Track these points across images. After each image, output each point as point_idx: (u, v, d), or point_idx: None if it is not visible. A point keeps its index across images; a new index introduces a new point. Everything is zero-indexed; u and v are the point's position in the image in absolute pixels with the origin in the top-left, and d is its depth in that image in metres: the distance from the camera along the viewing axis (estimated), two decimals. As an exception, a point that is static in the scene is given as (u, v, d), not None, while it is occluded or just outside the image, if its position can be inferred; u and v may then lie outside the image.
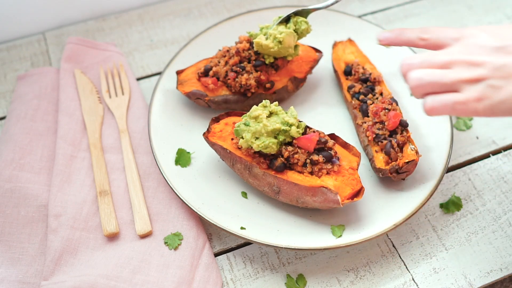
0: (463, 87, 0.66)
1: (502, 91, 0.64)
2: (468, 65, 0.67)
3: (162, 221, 0.87)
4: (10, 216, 0.87)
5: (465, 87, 0.66)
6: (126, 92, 1.03)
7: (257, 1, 1.22)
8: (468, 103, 0.65)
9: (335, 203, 0.78)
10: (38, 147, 0.95)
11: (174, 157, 0.91)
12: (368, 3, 1.22)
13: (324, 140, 0.82)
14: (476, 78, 0.65)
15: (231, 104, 0.94)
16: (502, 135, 0.99)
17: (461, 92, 0.66)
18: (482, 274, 0.83)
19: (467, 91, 0.66)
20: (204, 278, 0.82)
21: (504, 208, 0.90)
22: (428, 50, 0.74)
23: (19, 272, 0.82)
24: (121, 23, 1.18)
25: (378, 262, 0.84)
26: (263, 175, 0.81)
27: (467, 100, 0.65)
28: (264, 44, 0.90)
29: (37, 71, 1.06)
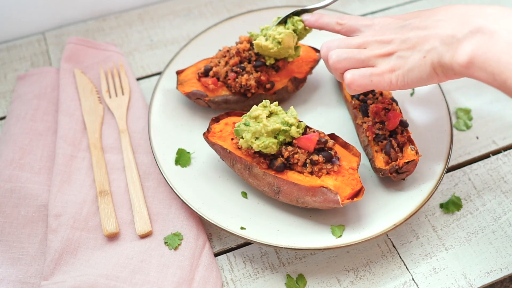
0: (378, 61, 0.75)
1: (410, 59, 0.72)
2: (379, 43, 0.76)
3: (162, 221, 0.87)
4: (10, 216, 0.87)
5: (379, 62, 0.75)
6: (126, 92, 1.03)
7: (257, 1, 1.22)
8: (384, 74, 0.74)
9: (335, 203, 0.78)
10: (38, 147, 0.95)
11: (174, 157, 0.91)
12: (368, 3, 1.22)
13: (324, 140, 0.82)
14: (387, 52, 0.75)
15: (231, 104, 0.94)
16: (502, 135, 0.99)
17: (377, 66, 0.75)
18: (482, 274, 0.83)
19: (382, 64, 0.75)
20: (204, 278, 0.82)
21: (504, 208, 0.90)
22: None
23: (19, 272, 0.82)
24: (121, 23, 1.18)
25: (378, 262, 0.84)
26: (263, 175, 0.81)
27: (382, 72, 0.74)
28: (263, 45, 0.90)
29: (37, 71, 1.06)
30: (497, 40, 0.64)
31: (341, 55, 0.77)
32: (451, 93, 1.05)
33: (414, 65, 0.72)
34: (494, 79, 0.64)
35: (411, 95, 0.99)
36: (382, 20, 0.80)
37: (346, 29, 0.83)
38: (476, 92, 1.05)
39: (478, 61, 0.65)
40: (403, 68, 0.73)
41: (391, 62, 0.74)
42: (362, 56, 0.76)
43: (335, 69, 0.79)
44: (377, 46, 0.76)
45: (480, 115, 1.02)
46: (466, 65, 0.66)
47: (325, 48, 0.81)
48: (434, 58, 0.70)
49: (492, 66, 0.64)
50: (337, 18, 0.84)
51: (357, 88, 0.76)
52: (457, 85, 1.06)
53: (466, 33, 0.67)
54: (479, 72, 0.65)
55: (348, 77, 0.76)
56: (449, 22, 0.70)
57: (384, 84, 0.74)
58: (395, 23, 0.77)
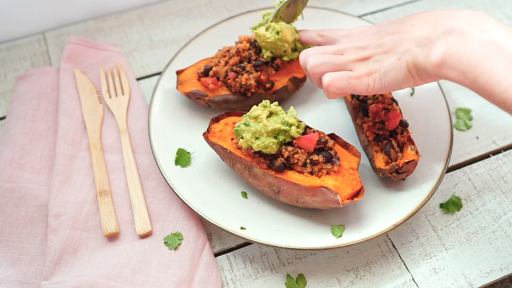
0: (355, 66, 0.77)
1: (386, 62, 0.74)
2: (356, 49, 0.78)
3: (162, 221, 0.87)
4: (10, 216, 0.87)
5: (356, 66, 0.77)
6: (126, 92, 1.03)
7: (257, 1, 1.22)
8: (361, 77, 0.75)
9: (335, 203, 0.78)
10: (38, 147, 0.95)
11: (174, 157, 0.91)
12: (368, 3, 1.22)
13: (324, 140, 0.82)
14: (363, 57, 0.76)
15: (231, 104, 0.94)
16: (502, 135, 0.99)
17: (354, 70, 0.76)
18: (482, 274, 0.83)
19: (359, 68, 0.76)
20: (204, 278, 0.82)
21: (504, 208, 0.90)
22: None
23: (19, 272, 0.82)
24: (121, 23, 1.18)
25: (378, 262, 0.84)
26: (263, 175, 0.81)
27: (360, 75, 0.75)
28: (262, 34, 0.91)
29: (37, 71, 1.06)
30: (469, 39, 0.65)
31: (319, 60, 0.79)
32: (451, 93, 1.05)
33: (390, 68, 0.73)
34: (465, 77, 0.65)
35: (411, 95, 0.99)
36: (359, 29, 0.82)
37: (327, 40, 0.86)
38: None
39: (450, 60, 0.66)
40: (380, 71, 0.74)
41: (368, 66, 0.75)
42: (339, 61, 0.78)
43: (312, 74, 0.80)
44: (354, 51, 0.78)
45: (480, 115, 1.02)
46: (439, 64, 0.67)
47: (303, 55, 0.82)
48: (409, 59, 0.71)
49: (463, 65, 0.65)
50: (319, 31, 0.88)
51: (335, 91, 0.77)
52: (457, 85, 1.06)
53: (439, 34, 0.68)
54: (451, 72, 0.66)
55: (327, 80, 0.77)
56: (423, 25, 0.71)
57: (361, 87, 0.75)
58: (371, 30, 0.79)
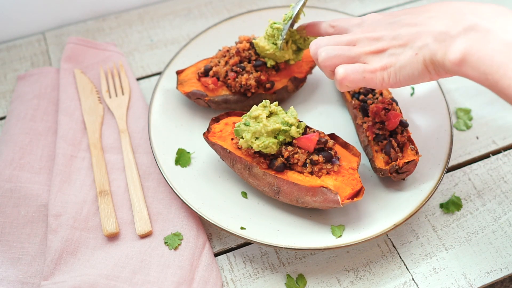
0: (369, 59, 0.73)
1: (402, 56, 0.70)
2: (369, 40, 0.74)
3: (162, 221, 0.87)
4: (10, 216, 0.87)
5: (370, 59, 0.73)
6: (126, 92, 1.03)
7: (257, 1, 1.22)
8: (376, 71, 0.72)
9: (335, 203, 0.78)
10: (38, 147, 0.95)
11: (174, 157, 0.91)
12: (368, 3, 1.22)
13: (324, 140, 0.82)
14: (378, 49, 0.73)
15: (231, 104, 0.94)
16: (502, 135, 0.99)
17: (369, 64, 0.73)
18: (482, 274, 0.83)
19: (374, 62, 0.73)
20: (204, 278, 0.82)
21: (504, 208, 0.90)
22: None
23: (19, 272, 0.82)
24: (121, 23, 1.18)
25: (378, 262, 0.84)
26: (263, 175, 0.81)
27: (374, 69, 0.72)
28: (261, 45, 0.91)
29: (37, 71, 1.06)
30: (492, 38, 0.62)
31: (331, 52, 0.75)
32: (451, 93, 1.05)
33: (406, 62, 0.70)
34: (486, 78, 0.62)
35: (411, 95, 0.99)
36: (371, 17, 0.78)
37: (338, 30, 0.82)
38: (476, 92, 1.05)
39: (470, 59, 0.63)
40: (395, 66, 0.71)
41: (383, 60, 0.72)
42: (352, 53, 0.74)
43: (324, 66, 0.76)
44: (368, 42, 0.74)
45: (480, 115, 1.02)
46: (458, 63, 0.65)
47: (314, 46, 0.79)
48: (426, 55, 0.68)
49: (485, 66, 0.62)
50: (330, 21, 0.84)
51: (349, 84, 0.74)
52: (457, 85, 1.06)
53: (460, 30, 0.65)
54: (471, 71, 0.64)
55: (341, 72, 0.73)
56: (442, 19, 0.68)
57: (376, 82, 0.72)
58: (385, 19, 0.75)
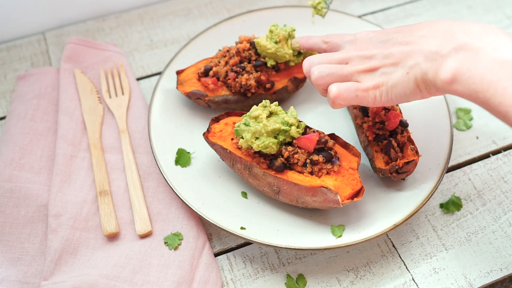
0: (361, 77, 0.74)
1: (393, 75, 0.71)
2: (362, 58, 0.75)
3: (162, 221, 0.87)
4: (10, 216, 0.87)
5: (363, 77, 0.74)
6: (126, 92, 1.03)
7: (257, 1, 1.22)
8: (368, 90, 0.73)
9: (335, 203, 0.78)
10: (38, 147, 0.95)
11: (174, 157, 0.91)
12: (368, 3, 1.22)
13: (324, 140, 0.82)
14: (370, 68, 0.74)
15: (231, 104, 0.94)
16: (502, 135, 0.99)
17: (361, 82, 0.74)
18: (482, 274, 0.83)
19: (366, 80, 0.74)
20: (204, 278, 0.82)
21: (504, 208, 0.90)
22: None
23: (19, 272, 0.82)
24: (121, 23, 1.18)
25: (378, 262, 0.84)
26: (263, 175, 0.81)
27: (367, 88, 0.73)
28: (262, 44, 0.91)
29: (37, 71, 1.06)
30: (481, 57, 0.63)
31: (324, 71, 0.76)
32: (451, 93, 1.05)
33: (398, 81, 0.71)
34: (477, 96, 0.63)
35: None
36: (364, 34, 0.79)
37: (331, 46, 0.83)
38: (476, 92, 1.05)
39: (461, 78, 0.64)
40: (387, 85, 0.72)
41: (375, 78, 0.73)
42: (345, 71, 0.75)
43: (317, 85, 0.77)
44: (359, 61, 0.75)
45: (480, 115, 1.02)
46: (449, 81, 0.65)
47: (307, 64, 0.80)
48: (418, 74, 0.69)
49: (475, 84, 0.63)
50: (323, 37, 0.85)
51: (341, 103, 0.75)
52: (457, 85, 1.06)
53: (450, 49, 0.66)
54: (462, 89, 0.65)
55: (334, 91, 0.74)
56: (433, 38, 0.69)
57: (368, 100, 0.73)
58: (377, 37, 0.76)
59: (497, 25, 1.17)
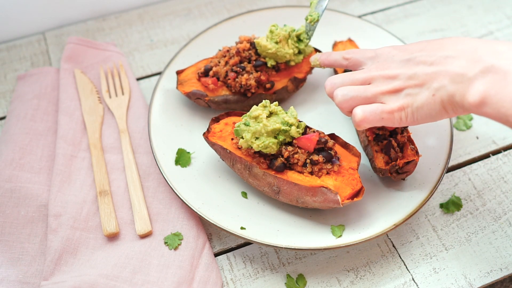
0: (385, 99, 0.73)
1: (419, 97, 0.71)
2: (385, 78, 0.74)
3: (162, 221, 0.87)
4: (10, 216, 0.87)
5: (387, 99, 0.73)
6: (126, 92, 1.03)
7: (257, 1, 1.22)
8: (394, 112, 0.72)
9: (335, 203, 0.78)
10: (38, 147, 0.95)
11: (174, 157, 0.91)
12: (368, 3, 1.22)
13: (324, 140, 0.82)
14: (394, 89, 0.73)
15: (231, 104, 0.94)
16: (502, 135, 0.99)
17: (386, 104, 0.73)
18: (482, 274, 0.83)
19: (390, 102, 0.73)
20: (204, 278, 0.82)
21: (504, 208, 0.90)
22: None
23: (19, 272, 0.82)
24: (121, 23, 1.18)
25: (378, 262, 0.84)
26: (263, 175, 0.81)
27: (392, 110, 0.72)
28: (263, 44, 0.91)
29: (37, 71, 1.06)
30: (510, 80, 0.62)
31: (348, 94, 0.76)
32: (451, 93, 1.05)
33: (424, 103, 0.70)
34: (507, 120, 0.63)
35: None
36: (386, 51, 0.78)
37: (352, 63, 0.82)
38: (476, 92, 1.05)
39: (490, 101, 0.63)
40: (412, 106, 0.71)
41: (400, 100, 0.72)
42: (369, 93, 0.74)
43: (342, 108, 0.77)
44: (383, 81, 0.74)
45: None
46: (477, 105, 0.65)
47: (329, 86, 0.79)
48: (444, 96, 0.68)
49: (505, 108, 0.62)
50: (343, 53, 0.83)
51: (367, 126, 0.74)
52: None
53: (477, 72, 0.65)
54: (491, 112, 0.64)
55: (359, 115, 0.74)
56: (458, 59, 0.68)
57: (394, 122, 0.73)
58: (400, 55, 0.75)
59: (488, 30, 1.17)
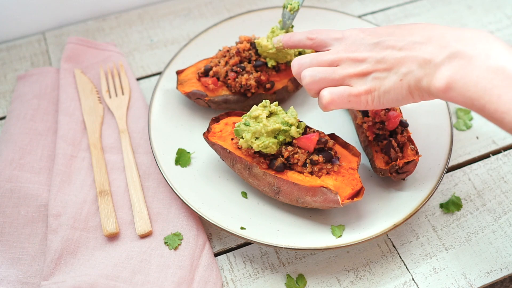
0: (353, 81, 0.74)
1: (386, 81, 0.71)
2: (353, 61, 0.74)
3: (162, 221, 0.87)
4: (10, 216, 0.87)
5: (355, 82, 0.74)
6: (126, 92, 1.03)
7: (257, 1, 1.22)
8: (361, 95, 0.73)
9: (335, 203, 0.78)
10: (38, 147, 0.95)
11: (174, 157, 0.91)
12: (368, 3, 1.22)
13: (324, 140, 0.82)
14: (362, 72, 0.73)
15: (231, 104, 0.94)
16: (502, 135, 0.99)
17: (353, 86, 0.73)
18: (482, 274, 0.83)
19: (358, 85, 0.73)
20: (204, 278, 0.82)
21: (504, 208, 0.90)
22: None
23: (19, 272, 0.82)
24: (121, 23, 1.18)
25: (378, 262, 0.84)
26: (263, 175, 0.81)
27: (359, 93, 0.73)
28: (264, 45, 0.91)
29: (37, 71, 1.06)
30: (475, 65, 0.64)
31: (316, 75, 0.75)
32: (451, 93, 1.05)
33: (391, 88, 0.71)
34: (473, 104, 0.64)
35: None
36: (354, 33, 0.77)
37: (317, 43, 0.81)
38: (476, 92, 1.05)
39: (456, 86, 0.65)
40: (379, 90, 0.72)
41: (367, 84, 0.73)
42: (336, 76, 0.74)
43: (309, 89, 0.77)
44: (351, 64, 0.74)
45: (480, 115, 1.01)
46: (444, 90, 0.66)
47: (296, 66, 0.79)
48: (411, 81, 0.69)
49: (470, 92, 0.64)
50: (308, 33, 0.82)
51: (333, 108, 0.75)
52: (457, 85, 1.06)
53: (444, 57, 0.66)
54: (457, 97, 0.65)
55: (327, 97, 0.74)
56: (426, 45, 0.69)
57: (360, 105, 0.74)
58: (368, 39, 0.75)
59: (488, 30, 1.17)
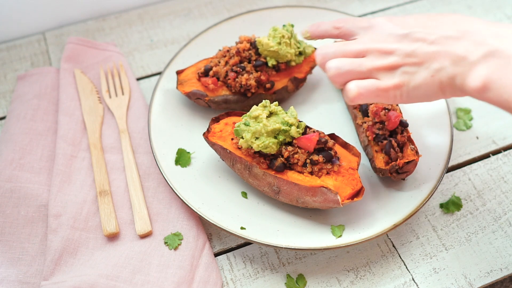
0: (381, 75, 0.70)
1: (416, 76, 0.68)
2: (380, 53, 0.70)
3: (162, 221, 0.87)
4: (10, 216, 0.87)
5: (383, 75, 0.70)
6: (126, 92, 1.03)
7: (257, 1, 1.22)
8: (389, 90, 0.69)
9: (335, 203, 0.78)
10: (38, 147, 0.95)
11: (174, 157, 0.91)
12: (368, 3, 1.22)
13: (324, 140, 0.82)
14: (390, 65, 0.69)
15: (231, 104, 0.94)
16: (502, 135, 0.99)
17: (381, 80, 0.70)
18: (482, 274, 0.83)
19: (386, 79, 0.70)
20: (204, 278, 0.82)
21: (504, 208, 0.90)
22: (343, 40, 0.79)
23: (19, 272, 0.82)
24: (121, 23, 1.18)
25: (378, 262, 0.84)
26: (263, 175, 0.81)
27: (387, 87, 0.69)
28: (265, 42, 0.91)
29: (37, 71, 1.06)
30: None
31: (342, 68, 0.71)
32: (451, 93, 1.05)
33: (421, 83, 0.67)
34: (509, 106, 0.61)
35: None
36: (381, 23, 0.74)
37: (344, 33, 0.78)
38: (476, 92, 1.05)
39: (493, 86, 0.61)
40: (408, 85, 0.68)
41: (396, 78, 0.69)
42: (364, 68, 0.71)
43: (334, 82, 0.73)
44: (378, 56, 0.70)
45: (480, 115, 1.02)
46: (479, 90, 0.63)
47: (320, 57, 0.75)
48: (444, 78, 0.66)
49: (507, 94, 0.60)
50: (334, 22, 0.79)
51: (360, 102, 0.71)
52: (457, 85, 1.06)
53: (480, 55, 0.63)
54: (493, 98, 0.62)
55: (354, 91, 0.70)
56: (460, 40, 0.65)
57: (388, 99, 0.70)
58: (396, 29, 0.71)
59: None
